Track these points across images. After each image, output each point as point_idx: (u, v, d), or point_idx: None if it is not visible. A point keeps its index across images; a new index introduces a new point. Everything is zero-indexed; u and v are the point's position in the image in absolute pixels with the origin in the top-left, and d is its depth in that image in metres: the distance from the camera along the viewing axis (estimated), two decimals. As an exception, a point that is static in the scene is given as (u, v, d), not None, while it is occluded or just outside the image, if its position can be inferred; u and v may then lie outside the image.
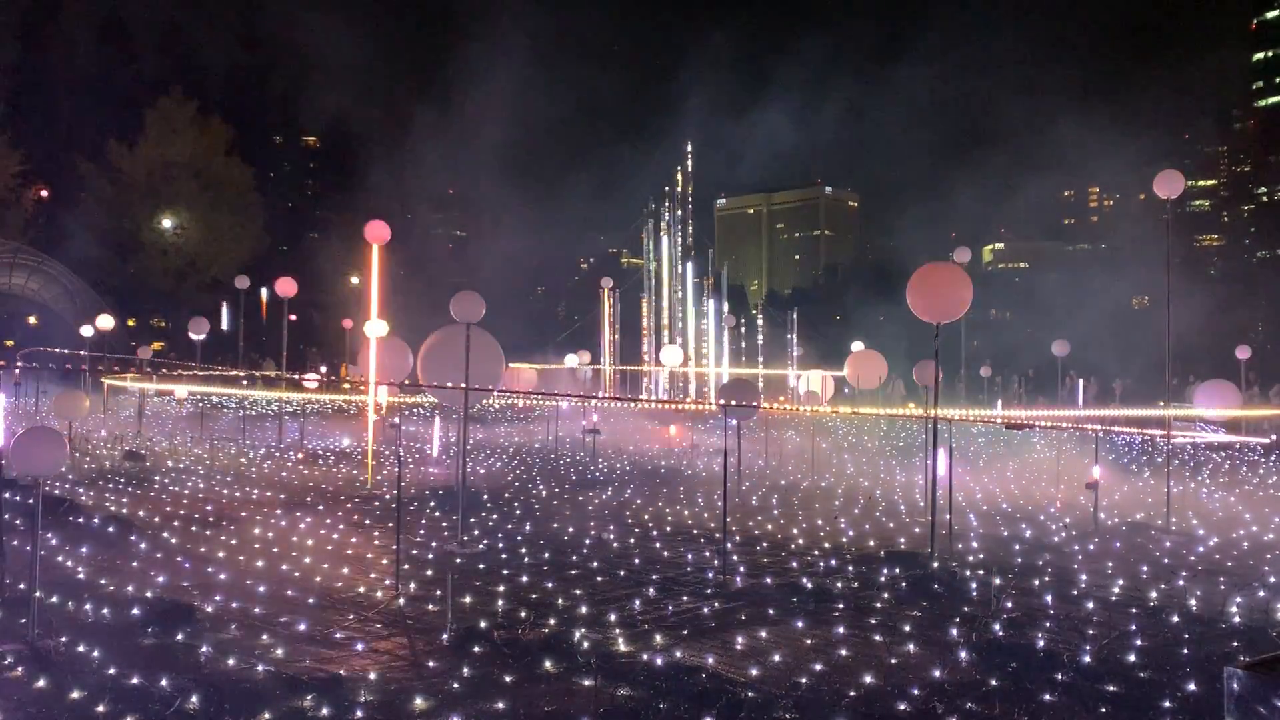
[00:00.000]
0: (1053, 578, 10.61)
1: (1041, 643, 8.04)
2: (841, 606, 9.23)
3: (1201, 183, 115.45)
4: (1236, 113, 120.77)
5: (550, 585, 9.89)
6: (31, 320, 58.88)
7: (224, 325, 58.62)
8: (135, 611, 8.40)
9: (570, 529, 13.22)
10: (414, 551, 11.38)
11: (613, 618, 8.66)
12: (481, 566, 10.76)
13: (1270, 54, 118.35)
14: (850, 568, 10.96)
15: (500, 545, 11.96)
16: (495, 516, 14.08)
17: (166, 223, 62.66)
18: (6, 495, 13.26)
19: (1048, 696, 6.81)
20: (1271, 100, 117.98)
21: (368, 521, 13.40)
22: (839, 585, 10.10)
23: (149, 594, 9.15)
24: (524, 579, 10.15)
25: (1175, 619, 8.94)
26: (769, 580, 10.28)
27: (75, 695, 6.53)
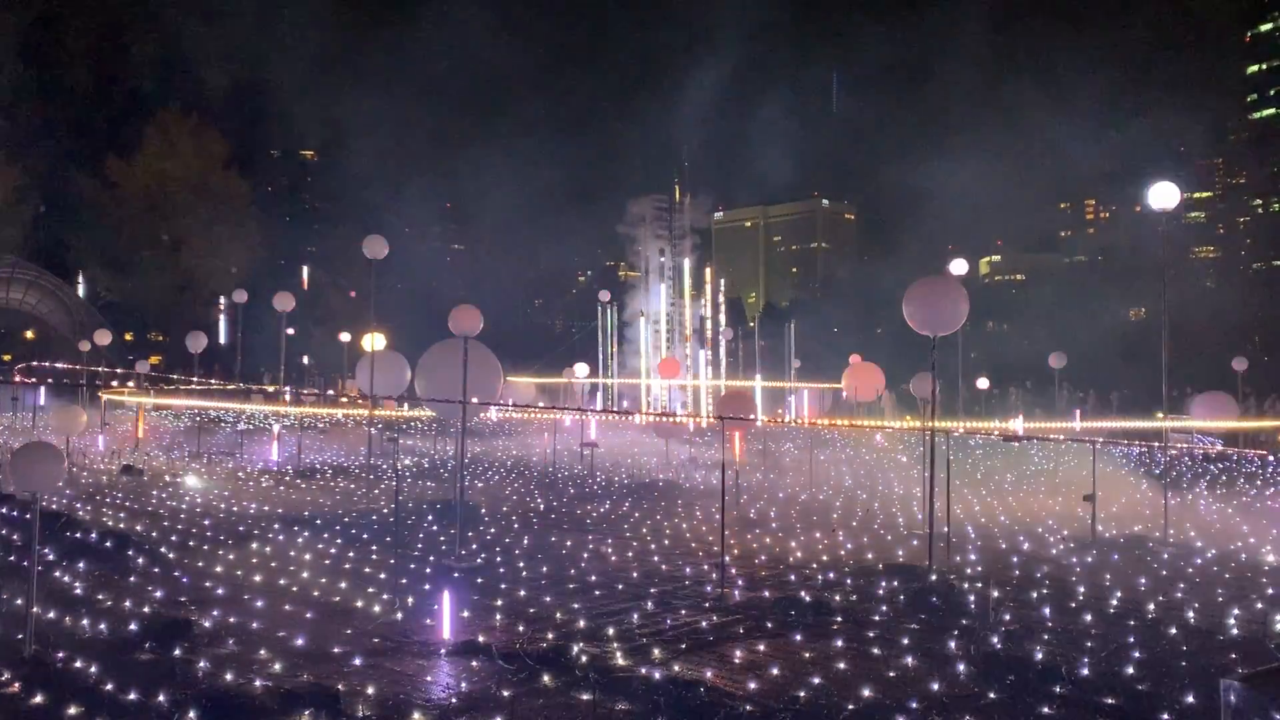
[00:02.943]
0: (1051, 590, 10.61)
1: (1040, 655, 8.04)
2: (840, 620, 9.23)
3: (1197, 195, 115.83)
4: (1231, 125, 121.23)
5: (548, 599, 9.88)
6: (29, 335, 58.88)
7: (221, 339, 58.64)
8: (133, 626, 8.39)
9: (568, 542, 13.21)
10: (412, 566, 11.36)
11: (611, 632, 8.65)
12: (480, 580, 10.75)
13: (1264, 66, 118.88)
14: (848, 581, 10.95)
15: (498, 559, 11.95)
16: (493, 530, 14.06)
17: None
18: (4, 510, 13.28)
19: (1046, 709, 6.81)
20: (1266, 112, 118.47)
21: (365, 536, 13.37)
22: (837, 599, 10.10)
23: (146, 609, 9.13)
24: (522, 593, 10.15)
25: (1173, 631, 8.95)
26: (767, 594, 10.28)
27: (72, 711, 6.51)
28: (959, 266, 25.14)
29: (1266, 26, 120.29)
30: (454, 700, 6.92)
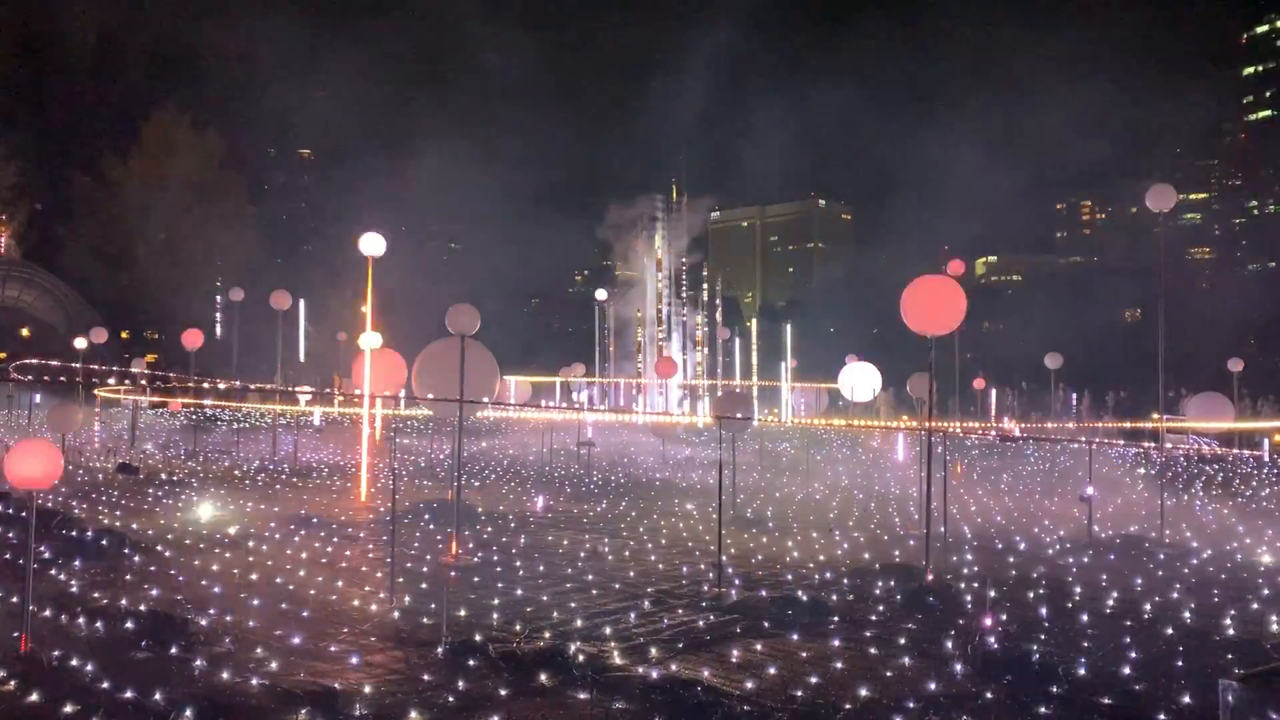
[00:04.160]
0: (1048, 590, 10.62)
1: (1036, 655, 8.04)
2: (837, 619, 9.22)
3: (1193, 196, 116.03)
4: (1227, 126, 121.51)
5: (545, 598, 9.87)
6: (25, 332, 58.77)
7: (217, 337, 58.53)
8: (129, 625, 8.37)
9: (565, 542, 13.21)
10: (408, 565, 11.35)
11: (608, 631, 8.64)
12: (476, 579, 10.74)
13: (1260, 68, 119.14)
14: (845, 581, 10.95)
15: (495, 558, 11.94)
16: (490, 529, 14.05)
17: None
18: (0, 508, 13.24)
19: (1043, 709, 6.81)
20: (1262, 114, 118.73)
21: (362, 535, 13.36)
22: (834, 598, 10.10)
23: (142, 608, 9.11)
24: (519, 592, 10.14)
25: (1170, 631, 8.95)
26: (764, 593, 10.27)
27: (68, 710, 6.49)
28: (956, 266, 25.17)
29: (1263, 29, 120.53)
30: (451, 699, 6.90)
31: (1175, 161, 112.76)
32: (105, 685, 6.91)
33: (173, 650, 7.80)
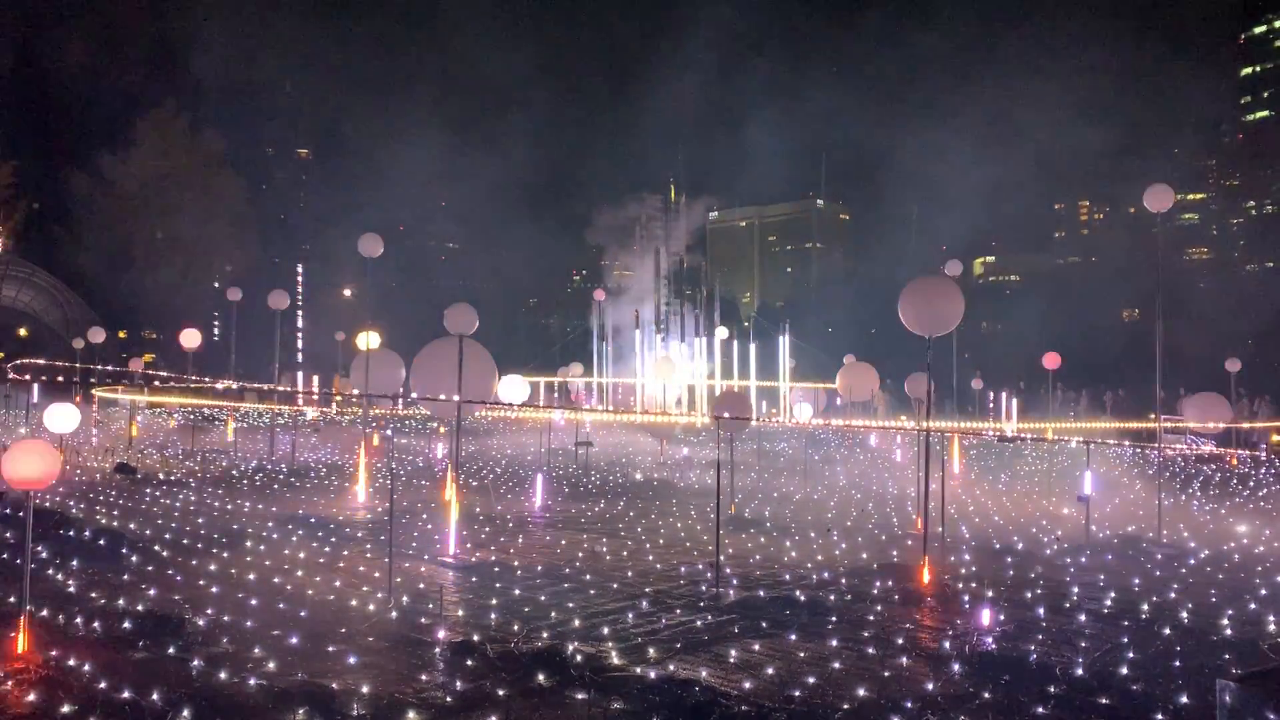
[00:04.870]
0: (1045, 590, 10.63)
1: (1034, 655, 8.05)
2: (835, 619, 9.23)
3: (1191, 196, 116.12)
4: (1225, 127, 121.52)
5: (543, 598, 9.87)
6: (22, 332, 58.72)
7: (215, 337, 58.51)
8: (126, 625, 8.36)
9: (563, 541, 13.21)
10: (406, 564, 11.35)
11: (606, 631, 8.64)
12: (474, 579, 10.74)
13: (1258, 68, 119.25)
14: (843, 580, 10.96)
15: (493, 558, 11.94)
16: (488, 529, 14.05)
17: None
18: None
19: (1040, 709, 6.82)
20: (1259, 114, 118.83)
21: (360, 534, 13.36)
22: (832, 598, 10.10)
23: (140, 607, 9.11)
24: (516, 592, 10.14)
25: (1167, 631, 8.96)
26: (762, 593, 10.28)
27: (66, 709, 6.49)
28: (954, 267, 25.19)
29: (1260, 29, 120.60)
30: (449, 699, 6.91)
31: (1173, 161, 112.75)
32: (103, 685, 6.91)
33: (170, 650, 7.80)
